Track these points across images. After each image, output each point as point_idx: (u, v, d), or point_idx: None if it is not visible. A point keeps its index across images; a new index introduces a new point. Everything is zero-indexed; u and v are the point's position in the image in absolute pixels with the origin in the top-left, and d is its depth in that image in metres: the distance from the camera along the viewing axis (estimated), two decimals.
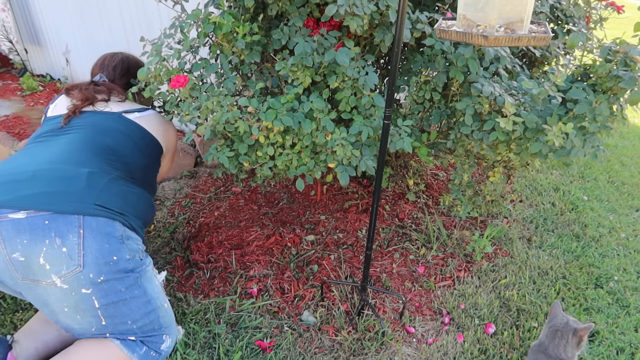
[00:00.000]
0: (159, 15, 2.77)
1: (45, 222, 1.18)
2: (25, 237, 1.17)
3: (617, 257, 2.07)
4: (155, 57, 1.53)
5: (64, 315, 1.25)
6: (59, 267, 1.18)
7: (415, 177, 2.42)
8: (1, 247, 1.17)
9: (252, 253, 1.97)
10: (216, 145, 1.55)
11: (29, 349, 1.36)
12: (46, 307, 1.25)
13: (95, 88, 1.60)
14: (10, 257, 1.17)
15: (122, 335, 1.33)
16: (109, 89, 1.62)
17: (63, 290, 1.20)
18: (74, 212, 1.21)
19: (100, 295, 1.24)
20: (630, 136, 3.63)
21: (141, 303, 1.33)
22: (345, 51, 1.36)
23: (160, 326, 1.39)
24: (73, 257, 1.19)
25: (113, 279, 1.25)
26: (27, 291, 1.23)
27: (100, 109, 1.56)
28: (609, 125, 1.36)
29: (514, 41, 1.05)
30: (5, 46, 4.32)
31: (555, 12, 1.84)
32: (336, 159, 1.47)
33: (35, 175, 1.25)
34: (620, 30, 1.80)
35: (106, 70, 1.71)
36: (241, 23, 1.44)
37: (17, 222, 1.17)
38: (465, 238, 2.12)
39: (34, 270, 1.18)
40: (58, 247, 1.18)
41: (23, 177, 1.24)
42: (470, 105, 1.48)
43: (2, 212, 1.18)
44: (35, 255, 1.17)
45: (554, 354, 1.31)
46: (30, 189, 1.22)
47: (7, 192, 1.21)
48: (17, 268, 1.18)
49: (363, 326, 1.61)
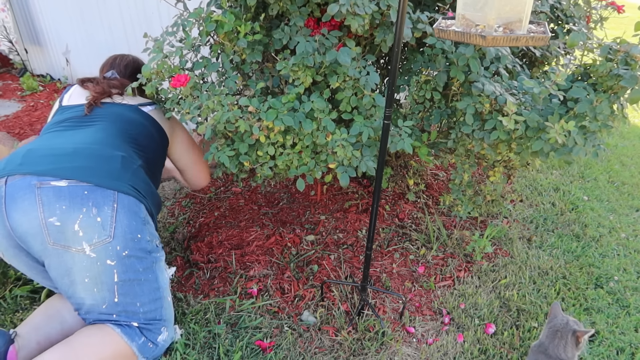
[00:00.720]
0: (159, 15, 2.77)
1: (85, 192, 1.27)
2: (64, 203, 1.24)
3: (617, 257, 2.07)
4: (158, 54, 1.53)
5: (82, 286, 1.30)
6: (91, 235, 1.26)
7: (415, 177, 2.42)
8: (39, 211, 1.23)
9: (252, 253, 1.97)
10: (217, 145, 1.55)
11: (30, 342, 1.36)
12: (67, 277, 1.29)
13: (109, 82, 1.66)
14: (47, 221, 1.23)
15: (126, 320, 1.37)
16: (122, 84, 1.69)
17: (90, 258, 1.27)
18: (111, 187, 1.31)
19: (121, 269, 1.31)
20: (630, 136, 3.63)
21: (152, 288, 1.40)
22: (346, 51, 1.36)
23: (162, 317, 1.43)
24: (105, 227, 1.28)
25: (134, 256, 1.34)
26: (54, 257, 1.27)
27: (118, 101, 1.63)
28: (610, 124, 1.36)
29: (512, 41, 1.05)
30: (5, 46, 4.31)
31: (556, 12, 1.84)
32: (337, 159, 1.47)
33: (75, 152, 1.34)
34: (620, 30, 1.80)
35: (117, 68, 1.79)
36: (243, 22, 1.44)
37: (58, 189, 1.25)
38: (465, 238, 2.12)
39: (67, 235, 1.25)
40: (93, 216, 1.26)
41: (64, 152, 1.33)
42: (471, 104, 1.48)
43: (45, 179, 1.26)
44: (71, 221, 1.24)
45: (554, 354, 1.31)
46: (71, 162, 1.30)
47: (50, 163, 1.29)
48: (50, 232, 1.24)
49: (363, 326, 1.61)
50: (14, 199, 1.24)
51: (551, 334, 1.34)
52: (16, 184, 1.25)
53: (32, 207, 1.23)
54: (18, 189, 1.25)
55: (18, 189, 1.25)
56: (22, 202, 1.24)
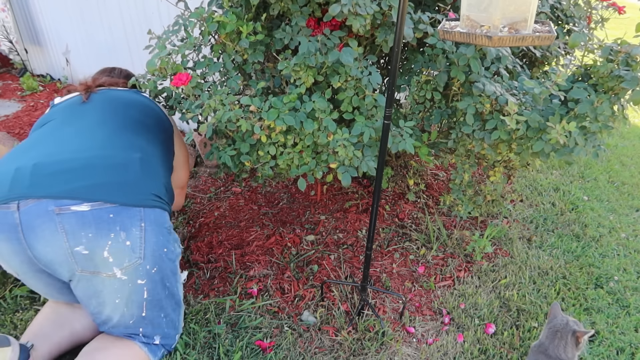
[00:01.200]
0: (159, 15, 2.77)
1: (110, 215, 1.19)
2: (90, 230, 1.17)
3: (617, 257, 2.07)
4: (162, 50, 1.53)
5: (113, 306, 1.27)
6: (122, 260, 1.21)
7: (415, 177, 2.42)
8: (63, 240, 1.16)
9: (252, 253, 1.97)
10: (218, 144, 1.55)
11: (44, 353, 1.35)
12: (95, 298, 1.26)
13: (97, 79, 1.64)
14: (73, 250, 1.17)
15: (151, 332, 1.36)
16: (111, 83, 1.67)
17: (122, 281, 1.23)
18: (136, 204, 1.23)
19: (151, 287, 1.29)
20: (630, 136, 3.63)
21: (174, 300, 1.40)
22: (349, 51, 1.36)
23: (179, 326, 1.45)
24: (135, 250, 1.22)
25: (161, 269, 1.31)
26: (82, 282, 1.24)
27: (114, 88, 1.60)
28: (610, 125, 1.37)
29: (518, 41, 1.05)
30: (5, 46, 4.31)
31: (556, 12, 1.84)
32: (338, 159, 1.47)
33: (88, 164, 1.23)
34: (621, 31, 1.80)
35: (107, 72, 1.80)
36: (244, 22, 1.44)
37: (81, 214, 1.16)
38: (465, 238, 2.12)
39: (97, 263, 1.20)
40: (122, 240, 1.20)
41: (75, 166, 1.22)
42: (472, 104, 1.49)
43: (63, 203, 1.16)
44: (100, 248, 1.18)
45: (554, 354, 1.31)
46: (87, 179, 1.20)
47: (64, 182, 1.18)
48: (78, 261, 1.19)
49: (363, 326, 1.61)
50: (32, 228, 1.16)
51: (551, 334, 1.35)
52: (31, 210, 1.15)
53: (55, 236, 1.16)
54: (35, 217, 1.15)
55: (35, 217, 1.15)
56: (42, 231, 1.16)
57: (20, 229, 1.16)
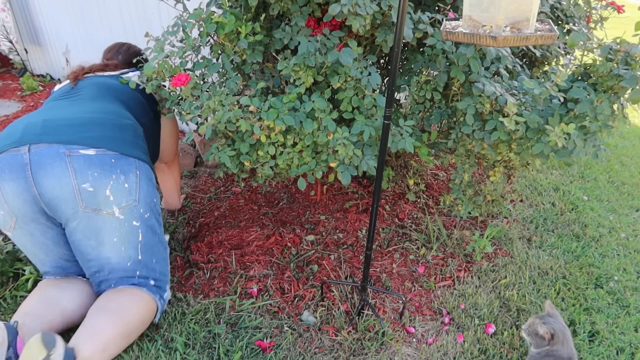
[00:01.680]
0: (159, 15, 2.77)
1: (112, 160, 1.39)
2: (95, 170, 1.36)
3: (617, 257, 2.07)
4: (160, 53, 1.53)
5: (111, 245, 1.43)
6: (120, 200, 1.40)
7: (415, 177, 2.42)
8: (72, 177, 1.33)
9: (252, 253, 1.97)
10: (217, 145, 1.55)
11: (35, 330, 1.36)
12: (94, 238, 1.41)
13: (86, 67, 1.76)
14: (80, 187, 1.34)
15: (146, 276, 1.51)
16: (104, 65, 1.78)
17: (119, 220, 1.41)
18: (132, 155, 1.45)
19: (144, 230, 1.48)
20: (630, 136, 3.63)
21: (162, 248, 1.58)
22: (348, 51, 1.36)
23: (167, 273, 1.59)
24: (132, 192, 1.42)
25: (153, 217, 1.51)
26: (83, 220, 1.38)
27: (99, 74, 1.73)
28: (610, 124, 1.37)
29: (522, 41, 1.05)
30: (5, 46, 4.31)
31: (556, 12, 1.84)
32: (338, 158, 1.47)
33: (91, 121, 1.44)
34: (620, 30, 1.80)
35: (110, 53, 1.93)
36: (244, 23, 1.44)
37: (88, 157, 1.36)
38: (465, 238, 2.12)
39: (99, 200, 1.37)
40: (122, 182, 1.40)
41: (81, 122, 1.42)
42: (472, 105, 1.49)
43: (73, 147, 1.35)
44: (103, 187, 1.37)
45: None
46: (92, 132, 1.41)
47: (72, 132, 1.38)
48: (83, 197, 1.35)
49: (363, 326, 1.61)
50: (41, 166, 1.32)
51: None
52: (42, 152, 1.33)
53: (64, 173, 1.33)
54: (46, 157, 1.32)
55: (46, 157, 1.32)
56: (52, 169, 1.32)
57: (29, 167, 1.32)
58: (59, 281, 1.52)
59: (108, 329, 1.35)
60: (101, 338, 1.33)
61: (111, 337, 1.35)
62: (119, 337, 1.36)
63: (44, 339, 1.22)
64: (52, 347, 1.22)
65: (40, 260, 1.51)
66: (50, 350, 1.21)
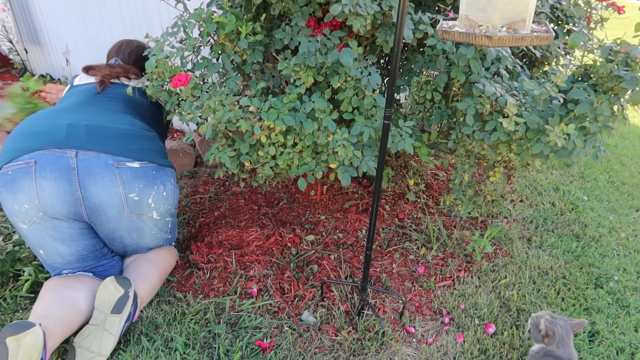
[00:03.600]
0: (159, 15, 2.77)
1: (153, 172, 1.58)
2: (141, 182, 1.54)
3: (617, 257, 2.08)
4: (159, 53, 1.54)
5: (150, 236, 1.69)
6: (159, 206, 1.63)
7: (415, 177, 2.42)
8: (120, 187, 1.50)
9: (252, 253, 1.97)
10: (218, 145, 1.55)
11: (56, 335, 1.36)
12: (136, 233, 1.64)
13: (112, 70, 1.84)
14: (127, 196, 1.52)
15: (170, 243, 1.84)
16: (125, 70, 1.86)
17: (156, 220, 1.67)
18: (166, 165, 1.65)
19: (172, 220, 1.79)
20: (630, 136, 3.63)
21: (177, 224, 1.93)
22: (348, 51, 1.36)
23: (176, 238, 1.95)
24: (168, 199, 1.66)
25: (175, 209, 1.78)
26: (126, 222, 1.58)
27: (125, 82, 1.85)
28: (610, 125, 1.37)
29: (517, 41, 1.05)
30: (5, 46, 4.31)
31: (556, 12, 1.84)
32: (338, 159, 1.47)
33: (129, 134, 1.59)
34: (620, 31, 1.80)
35: (122, 55, 1.97)
36: (244, 23, 1.44)
37: (134, 169, 1.53)
38: (465, 238, 2.12)
39: (143, 207, 1.58)
40: (161, 191, 1.62)
41: (120, 134, 1.57)
42: (472, 105, 1.49)
43: (120, 159, 1.51)
44: (146, 197, 1.57)
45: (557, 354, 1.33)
46: (132, 145, 1.57)
47: (116, 144, 1.53)
48: (129, 204, 1.54)
49: (363, 326, 1.61)
50: (90, 174, 1.46)
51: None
52: (91, 160, 1.47)
53: (113, 183, 1.48)
54: (95, 166, 1.47)
55: (95, 166, 1.47)
56: (102, 178, 1.47)
57: (76, 172, 1.45)
58: (69, 281, 1.53)
59: (155, 274, 1.66)
60: (152, 281, 1.63)
61: (157, 280, 1.66)
62: (161, 281, 1.69)
63: (118, 280, 1.49)
64: (128, 287, 1.50)
65: (60, 254, 1.54)
66: (128, 289, 1.49)
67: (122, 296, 1.47)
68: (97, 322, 1.44)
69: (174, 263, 1.82)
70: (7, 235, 1.98)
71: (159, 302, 1.69)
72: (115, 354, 1.48)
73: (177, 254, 1.87)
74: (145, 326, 1.58)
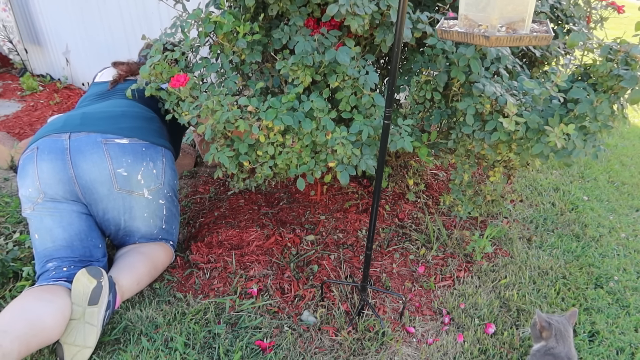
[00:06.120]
0: (159, 15, 2.77)
1: (143, 149, 1.62)
2: (129, 157, 1.58)
3: (617, 257, 2.07)
4: (157, 55, 1.54)
5: (141, 219, 1.70)
6: (149, 183, 1.66)
7: (415, 177, 2.42)
8: (109, 163, 1.55)
9: (252, 253, 1.97)
10: (216, 145, 1.55)
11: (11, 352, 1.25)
12: (128, 213, 1.66)
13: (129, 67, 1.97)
14: (115, 171, 1.57)
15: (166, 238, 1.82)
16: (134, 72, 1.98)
17: (148, 200, 1.67)
18: (159, 144, 1.68)
19: (167, 206, 1.77)
20: (630, 136, 3.63)
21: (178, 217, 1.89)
22: (345, 50, 1.36)
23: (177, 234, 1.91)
24: (159, 177, 1.68)
25: (173, 195, 1.80)
26: (118, 200, 1.62)
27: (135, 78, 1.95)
28: (610, 125, 1.36)
29: (515, 41, 1.05)
30: (5, 46, 4.31)
31: (556, 12, 1.84)
32: (336, 158, 1.47)
33: (124, 114, 1.68)
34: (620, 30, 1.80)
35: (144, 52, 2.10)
36: (242, 22, 1.44)
37: (122, 145, 1.58)
38: (465, 238, 2.12)
39: (132, 183, 1.61)
40: (151, 168, 1.64)
41: (115, 114, 1.66)
42: (472, 105, 1.48)
43: (109, 136, 1.57)
44: (135, 172, 1.60)
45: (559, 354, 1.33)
46: (124, 123, 1.64)
47: (108, 123, 1.61)
48: (118, 180, 1.58)
49: (363, 326, 1.61)
50: (80, 151, 1.53)
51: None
52: (82, 139, 1.55)
53: (102, 159, 1.54)
54: (85, 144, 1.54)
55: (85, 144, 1.54)
56: (91, 155, 1.54)
57: (68, 152, 1.53)
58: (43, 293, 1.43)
59: (142, 266, 1.65)
60: (137, 272, 1.62)
61: (144, 272, 1.65)
62: (148, 274, 1.67)
63: (89, 272, 1.47)
64: (100, 276, 1.48)
65: (52, 236, 1.56)
66: (100, 278, 1.47)
67: (95, 287, 1.46)
68: (77, 316, 1.44)
69: (167, 260, 1.79)
70: (7, 235, 1.98)
71: (159, 302, 1.69)
72: (115, 353, 1.48)
73: (173, 253, 1.85)
74: (145, 326, 1.58)
